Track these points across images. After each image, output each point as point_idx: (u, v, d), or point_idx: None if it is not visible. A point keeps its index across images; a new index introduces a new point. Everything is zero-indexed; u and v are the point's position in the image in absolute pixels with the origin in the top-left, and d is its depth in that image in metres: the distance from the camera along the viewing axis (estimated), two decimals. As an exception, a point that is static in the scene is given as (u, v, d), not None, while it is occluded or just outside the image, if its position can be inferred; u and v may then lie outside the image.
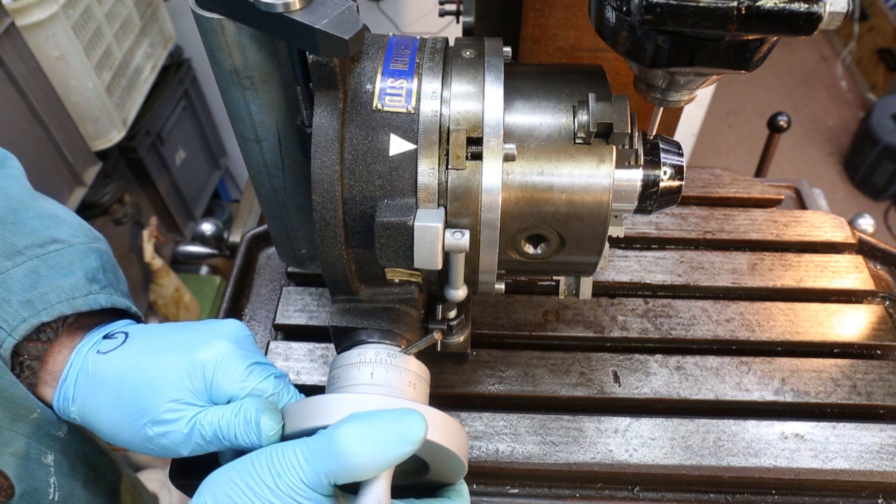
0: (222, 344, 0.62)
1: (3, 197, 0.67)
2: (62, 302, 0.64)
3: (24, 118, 1.71)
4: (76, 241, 0.69)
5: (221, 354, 0.62)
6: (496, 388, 0.85)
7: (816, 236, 1.03)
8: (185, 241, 2.17)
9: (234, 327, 0.66)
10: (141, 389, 0.61)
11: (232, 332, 0.65)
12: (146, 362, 0.62)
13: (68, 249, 0.67)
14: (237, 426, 0.59)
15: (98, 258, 0.70)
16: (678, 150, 0.66)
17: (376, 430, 0.51)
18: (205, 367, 0.61)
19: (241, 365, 0.62)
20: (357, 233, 0.63)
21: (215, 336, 0.63)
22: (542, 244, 0.65)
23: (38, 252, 0.65)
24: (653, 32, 0.53)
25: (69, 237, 0.68)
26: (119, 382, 0.61)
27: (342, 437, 0.51)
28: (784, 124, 1.35)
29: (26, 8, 1.69)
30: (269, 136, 0.68)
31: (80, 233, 0.70)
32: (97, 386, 0.62)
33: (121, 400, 0.61)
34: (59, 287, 0.64)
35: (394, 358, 0.64)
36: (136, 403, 0.61)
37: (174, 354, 0.62)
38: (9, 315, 0.61)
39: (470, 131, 0.60)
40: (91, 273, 0.68)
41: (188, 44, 2.50)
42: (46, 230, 0.67)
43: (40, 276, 0.64)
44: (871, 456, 0.78)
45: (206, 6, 0.59)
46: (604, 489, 0.79)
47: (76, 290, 0.65)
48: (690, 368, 0.87)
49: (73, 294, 0.65)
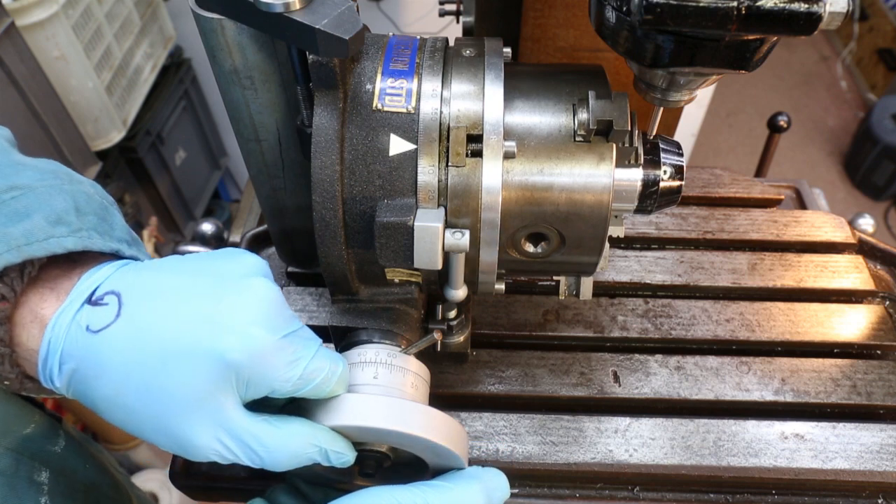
0: (254, 332, 0.50)
1: None
2: (10, 251, 0.50)
3: (24, 118, 1.71)
4: (40, 185, 0.56)
5: (254, 349, 0.50)
6: (496, 388, 0.85)
7: (816, 236, 1.03)
8: (185, 241, 2.17)
9: (263, 294, 0.52)
10: (152, 398, 0.50)
11: (265, 302, 0.52)
12: (153, 359, 0.49)
13: (28, 194, 0.55)
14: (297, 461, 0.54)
15: (70, 199, 0.56)
16: (678, 150, 0.66)
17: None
18: (239, 368, 0.50)
19: (279, 354, 0.51)
20: (357, 233, 0.63)
21: (246, 316, 0.50)
22: (542, 243, 0.65)
23: None
24: (653, 32, 0.53)
25: (31, 181, 0.56)
26: (122, 380, 0.50)
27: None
28: (784, 124, 1.35)
29: (26, 8, 1.69)
30: (269, 136, 0.68)
31: (48, 176, 0.57)
32: (93, 377, 0.50)
33: (123, 405, 0.51)
34: (8, 234, 0.51)
35: (394, 358, 0.64)
36: (148, 412, 0.51)
37: (191, 349, 0.49)
38: None
39: (470, 129, 0.60)
40: (56, 215, 0.54)
41: (188, 44, 2.50)
42: (5, 178, 0.55)
43: None
44: (871, 456, 0.78)
45: (206, 6, 0.59)
46: (604, 489, 0.79)
47: (31, 234, 0.52)
48: (690, 368, 0.87)
49: (25, 240, 0.51)
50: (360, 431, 0.57)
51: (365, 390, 0.62)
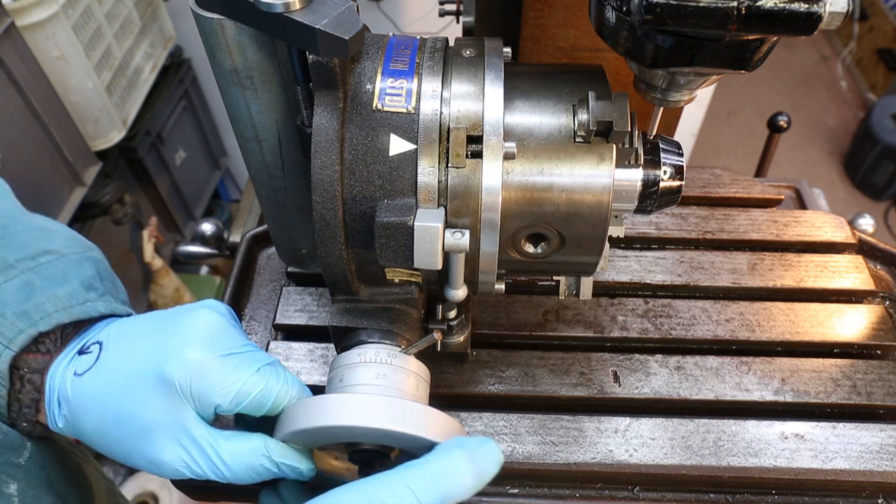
0: (190, 353, 0.57)
1: None
2: (59, 311, 0.61)
3: (24, 118, 1.71)
4: (69, 252, 0.66)
5: (191, 366, 0.57)
6: (496, 388, 0.85)
7: (816, 236, 1.03)
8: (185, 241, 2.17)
9: (205, 323, 0.60)
10: (123, 423, 0.58)
11: (205, 328, 0.60)
12: (119, 389, 0.58)
13: (61, 259, 0.65)
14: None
15: (93, 267, 0.68)
16: (678, 150, 0.66)
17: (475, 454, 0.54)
18: (181, 385, 0.57)
19: (217, 369, 0.58)
20: (357, 233, 0.63)
21: (185, 341, 0.58)
22: (542, 243, 0.65)
23: (31, 265, 0.63)
24: (653, 32, 0.53)
25: (61, 248, 0.66)
26: (100, 412, 0.58)
27: (454, 461, 0.53)
28: (784, 124, 1.35)
29: (26, 8, 1.68)
30: (269, 136, 0.68)
31: (72, 243, 0.68)
32: (80, 413, 0.59)
33: (104, 433, 0.59)
34: (56, 296, 0.62)
35: (394, 358, 0.64)
36: (122, 436, 0.58)
37: (144, 375, 0.57)
38: (5, 328, 0.59)
39: (470, 129, 0.60)
40: (87, 281, 0.65)
41: (188, 44, 2.50)
42: (37, 242, 0.65)
43: (34, 287, 0.62)
44: (871, 456, 0.78)
45: (206, 6, 0.59)
46: (604, 489, 0.79)
47: (73, 298, 0.63)
48: (690, 368, 0.87)
49: (69, 302, 0.62)
50: (319, 433, 0.57)
51: (366, 390, 0.62)
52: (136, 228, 2.33)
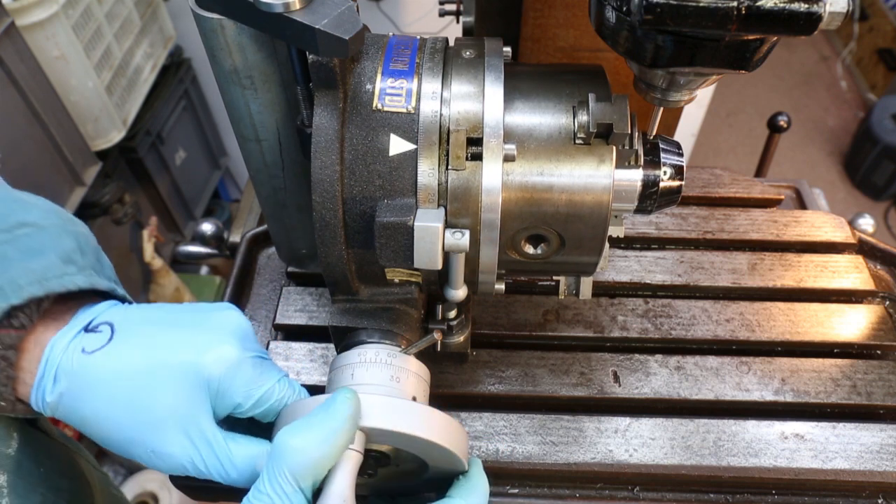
0: (228, 349, 0.58)
1: None
2: (32, 284, 0.57)
3: (24, 118, 1.71)
4: (47, 224, 0.63)
5: (228, 362, 0.57)
6: (496, 388, 0.85)
7: (816, 236, 1.03)
8: (185, 241, 2.17)
9: (236, 323, 0.61)
10: (136, 409, 0.56)
11: (236, 327, 0.60)
12: (139, 374, 0.56)
13: (40, 232, 0.61)
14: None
15: (74, 240, 0.63)
16: (678, 150, 0.66)
17: (311, 420, 0.54)
18: (210, 379, 0.57)
19: (248, 370, 0.59)
20: (357, 233, 0.63)
21: (220, 339, 0.58)
22: (542, 244, 0.65)
23: (6, 237, 0.59)
24: (653, 32, 0.53)
25: (39, 220, 0.62)
26: (111, 394, 0.56)
27: (282, 438, 0.53)
28: (784, 124, 1.35)
29: (26, 8, 1.68)
30: (269, 136, 0.68)
31: (51, 215, 0.64)
32: (84, 392, 0.56)
33: (109, 417, 0.56)
34: (30, 269, 0.58)
35: (394, 358, 0.64)
36: (131, 423, 0.56)
37: (174, 363, 0.56)
38: None
39: (470, 132, 0.60)
40: (66, 254, 0.61)
41: (188, 44, 2.50)
42: (14, 214, 0.61)
43: (10, 260, 0.58)
44: (871, 456, 0.78)
45: (206, 6, 0.59)
46: (604, 489, 0.79)
47: (49, 271, 0.59)
48: (690, 368, 0.87)
49: (45, 276, 0.58)
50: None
51: (364, 390, 0.62)
52: (136, 228, 2.33)
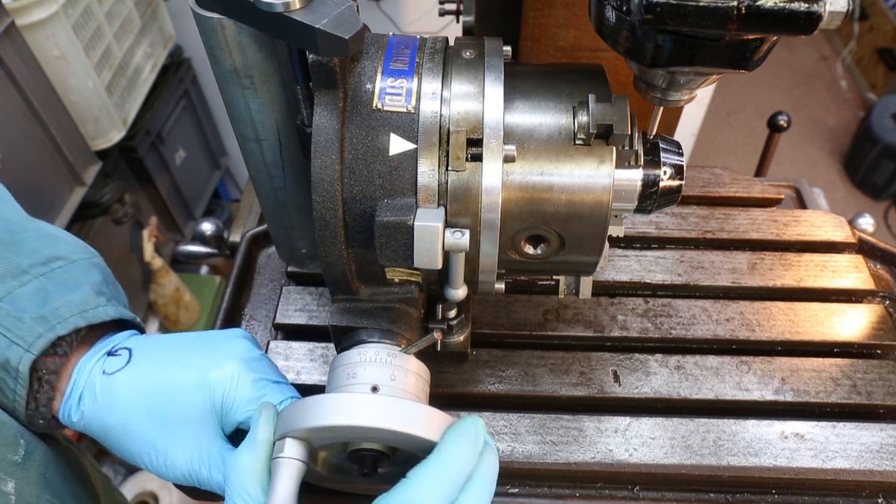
0: (231, 368, 0.63)
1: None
2: (74, 315, 0.64)
3: (24, 118, 1.71)
4: (77, 258, 0.70)
5: (230, 380, 0.62)
6: (496, 388, 0.85)
7: (816, 236, 1.03)
8: (185, 241, 2.17)
9: (243, 347, 0.66)
10: (151, 423, 0.62)
11: (243, 351, 0.65)
12: (154, 390, 0.62)
13: (71, 266, 0.68)
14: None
15: (100, 272, 0.71)
16: (678, 150, 0.66)
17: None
18: (213, 395, 0.62)
19: (249, 390, 0.63)
20: (357, 232, 0.63)
21: (226, 356, 0.64)
22: (542, 244, 0.65)
23: (43, 270, 0.65)
24: (653, 32, 0.53)
25: (69, 254, 0.69)
26: (129, 410, 0.62)
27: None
28: (784, 124, 1.35)
29: (26, 8, 1.68)
30: (269, 135, 0.68)
31: (78, 249, 0.71)
32: (106, 410, 0.62)
33: (129, 430, 0.62)
34: (70, 301, 0.65)
35: (394, 357, 0.64)
36: (147, 436, 0.62)
37: (183, 380, 0.62)
38: (24, 332, 0.61)
39: (470, 132, 0.60)
40: (96, 287, 0.68)
41: (188, 44, 2.50)
42: (47, 249, 0.67)
43: (49, 292, 0.64)
44: (871, 455, 0.78)
45: (206, 6, 0.59)
46: (604, 489, 0.79)
47: (86, 303, 0.66)
48: (690, 368, 0.87)
49: (83, 307, 0.65)
50: (317, 433, 0.57)
51: (366, 389, 0.62)
52: (136, 228, 2.33)
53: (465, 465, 0.54)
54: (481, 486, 0.55)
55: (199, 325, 2.53)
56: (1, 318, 0.61)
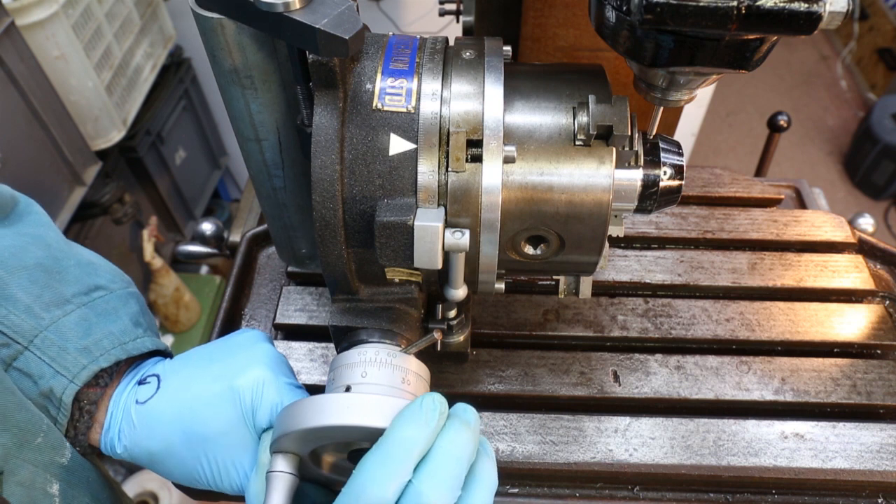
0: (258, 372, 0.63)
1: (43, 246, 0.67)
2: (116, 347, 0.65)
3: (24, 118, 1.71)
4: (116, 287, 0.70)
5: (257, 383, 0.63)
6: (496, 388, 0.85)
7: (816, 236, 1.03)
8: (185, 241, 2.17)
9: (267, 350, 0.66)
10: (190, 443, 0.62)
11: (266, 355, 0.66)
12: (185, 410, 0.62)
13: (111, 296, 0.69)
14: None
15: (137, 303, 0.72)
16: (678, 150, 0.66)
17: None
18: (243, 395, 0.62)
19: (273, 393, 0.63)
20: (357, 232, 0.63)
21: (250, 362, 0.64)
22: (541, 245, 0.65)
23: (85, 300, 0.66)
24: (653, 32, 0.53)
25: (109, 283, 0.70)
26: (166, 434, 0.63)
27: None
28: (784, 124, 1.35)
29: (26, 8, 1.69)
30: (269, 135, 0.68)
31: (116, 278, 0.72)
32: (147, 438, 0.63)
33: (174, 454, 0.63)
34: (111, 333, 0.66)
35: (394, 357, 0.64)
36: (190, 455, 0.63)
37: (212, 393, 0.63)
38: (68, 363, 0.62)
39: (470, 133, 0.60)
40: (135, 318, 0.69)
41: (188, 44, 2.50)
42: (88, 277, 0.68)
43: (91, 323, 0.65)
44: (871, 455, 0.78)
45: (206, 6, 0.59)
46: (604, 489, 0.79)
47: (126, 335, 0.67)
48: (690, 368, 0.87)
49: (123, 339, 0.66)
50: (309, 435, 0.57)
51: (364, 389, 0.62)
52: (136, 228, 2.33)
53: (412, 440, 0.51)
54: (443, 455, 0.52)
55: (199, 325, 2.53)
56: (46, 348, 0.62)
